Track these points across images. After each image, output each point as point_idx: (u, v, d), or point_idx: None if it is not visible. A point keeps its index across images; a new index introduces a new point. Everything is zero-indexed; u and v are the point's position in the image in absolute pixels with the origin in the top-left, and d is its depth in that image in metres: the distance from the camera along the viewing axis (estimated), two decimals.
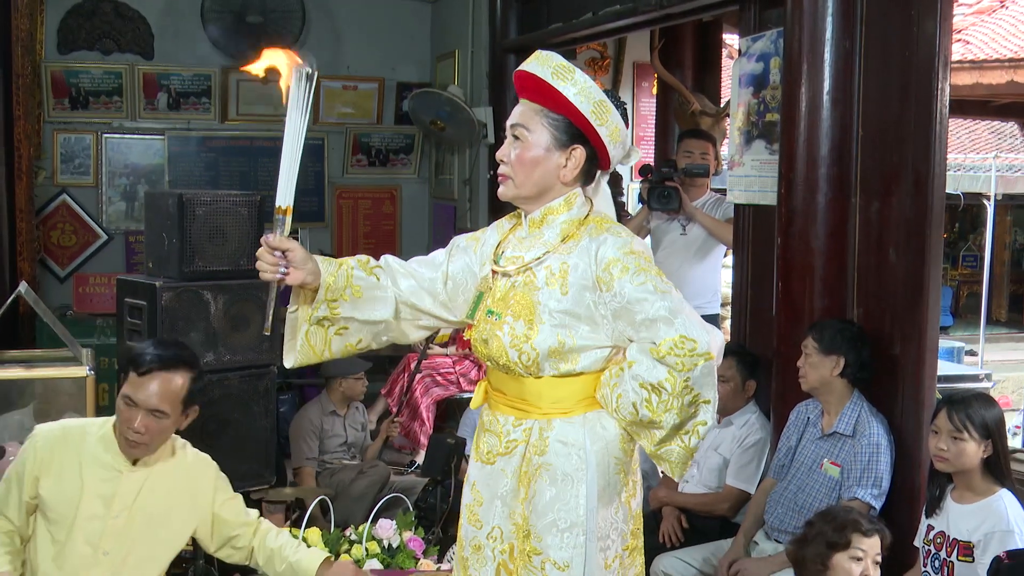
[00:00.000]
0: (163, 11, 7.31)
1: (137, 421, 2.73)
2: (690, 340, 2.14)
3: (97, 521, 2.81)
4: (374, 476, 5.09)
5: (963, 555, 3.00)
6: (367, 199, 8.01)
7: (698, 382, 2.16)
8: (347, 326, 2.40)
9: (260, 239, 2.28)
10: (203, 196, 3.74)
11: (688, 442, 2.23)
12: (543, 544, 2.28)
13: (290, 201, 2.25)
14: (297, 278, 2.28)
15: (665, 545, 4.05)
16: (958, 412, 3.00)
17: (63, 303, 7.03)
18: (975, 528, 2.99)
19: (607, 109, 2.28)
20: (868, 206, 3.64)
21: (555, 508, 2.28)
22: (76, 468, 2.83)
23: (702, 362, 2.15)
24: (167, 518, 2.91)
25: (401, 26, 7.78)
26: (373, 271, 2.40)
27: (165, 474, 2.90)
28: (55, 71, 7.13)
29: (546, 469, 2.29)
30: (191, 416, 2.88)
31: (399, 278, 2.43)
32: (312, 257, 2.32)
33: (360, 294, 2.37)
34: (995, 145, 13.41)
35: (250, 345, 3.81)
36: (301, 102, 2.24)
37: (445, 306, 2.46)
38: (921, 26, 3.41)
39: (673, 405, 2.17)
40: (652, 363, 2.17)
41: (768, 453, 4.00)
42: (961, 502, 3.06)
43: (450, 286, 2.45)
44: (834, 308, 3.70)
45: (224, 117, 7.53)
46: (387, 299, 2.41)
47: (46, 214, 7.20)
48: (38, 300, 4.51)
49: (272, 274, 2.25)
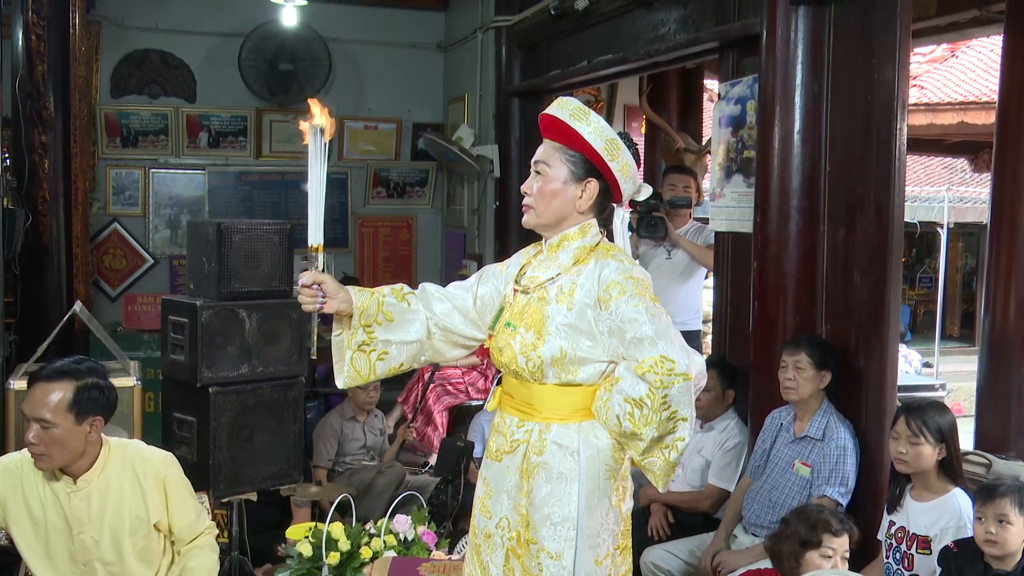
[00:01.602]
0: (204, 59, 7.36)
1: (31, 434, 2.61)
2: (669, 360, 2.13)
3: (66, 541, 2.74)
4: (391, 476, 5.07)
5: (921, 548, 3.00)
6: (386, 227, 8.02)
7: (675, 400, 2.15)
8: (387, 351, 2.45)
9: (297, 277, 2.36)
10: (239, 224, 3.73)
11: (668, 456, 2.21)
12: (539, 535, 2.28)
13: (320, 240, 2.32)
14: (332, 307, 2.36)
15: (653, 538, 4.03)
16: (915, 419, 3.00)
17: (114, 320, 7.06)
18: (932, 523, 2.98)
19: (618, 147, 2.30)
20: (835, 233, 3.64)
21: (549, 503, 2.27)
22: (24, 500, 2.74)
23: (680, 381, 2.13)
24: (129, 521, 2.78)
25: (417, 73, 7.81)
26: (405, 297, 2.47)
27: (108, 484, 2.76)
28: (108, 113, 7.18)
29: (543, 468, 2.29)
30: (95, 426, 2.70)
31: (434, 302, 2.49)
32: (343, 287, 2.39)
33: (392, 318, 2.43)
34: (947, 179, 13.41)
35: (281, 358, 3.80)
36: (319, 155, 2.30)
37: (475, 324, 2.51)
38: (881, 73, 3.41)
39: (652, 419, 2.15)
40: (635, 380, 2.17)
41: (746, 455, 3.99)
42: (919, 500, 3.05)
43: (479, 305, 2.50)
44: (805, 325, 3.69)
45: (258, 154, 7.56)
46: (418, 321, 2.46)
47: (99, 240, 7.23)
48: (91, 317, 4.51)
49: (312, 305, 2.33)
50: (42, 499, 2.74)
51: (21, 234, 5.41)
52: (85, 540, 2.74)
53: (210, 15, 7.28)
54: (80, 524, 2.73)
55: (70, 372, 2.67)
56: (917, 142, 8.88)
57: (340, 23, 7.49)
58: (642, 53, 4.96)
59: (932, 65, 9.77)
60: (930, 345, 13.16)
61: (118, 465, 2.78)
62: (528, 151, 6.05)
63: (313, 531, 3.46)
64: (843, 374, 3.55)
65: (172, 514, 2.85)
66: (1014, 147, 3.93)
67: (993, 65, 7.72)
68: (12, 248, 5.30)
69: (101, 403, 2.71)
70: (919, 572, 3.00)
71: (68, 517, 2.73)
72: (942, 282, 12.89)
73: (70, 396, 2.63)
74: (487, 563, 2.39)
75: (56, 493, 2.73)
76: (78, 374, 2.68)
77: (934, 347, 12.68)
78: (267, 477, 3.83)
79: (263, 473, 3.80)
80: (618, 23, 5.26)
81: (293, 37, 7.29)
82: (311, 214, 2.31)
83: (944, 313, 13.79)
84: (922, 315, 16.25)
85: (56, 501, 2.73)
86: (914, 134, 7.22)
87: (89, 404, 2.67)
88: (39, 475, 2.74)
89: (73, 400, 2.63)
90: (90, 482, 2.74)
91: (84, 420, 2.66)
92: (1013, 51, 3.96)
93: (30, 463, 2.72)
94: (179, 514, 2.87)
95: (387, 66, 7.72)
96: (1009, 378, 3.97)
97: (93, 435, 2.71)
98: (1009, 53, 3.98)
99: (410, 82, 7.79)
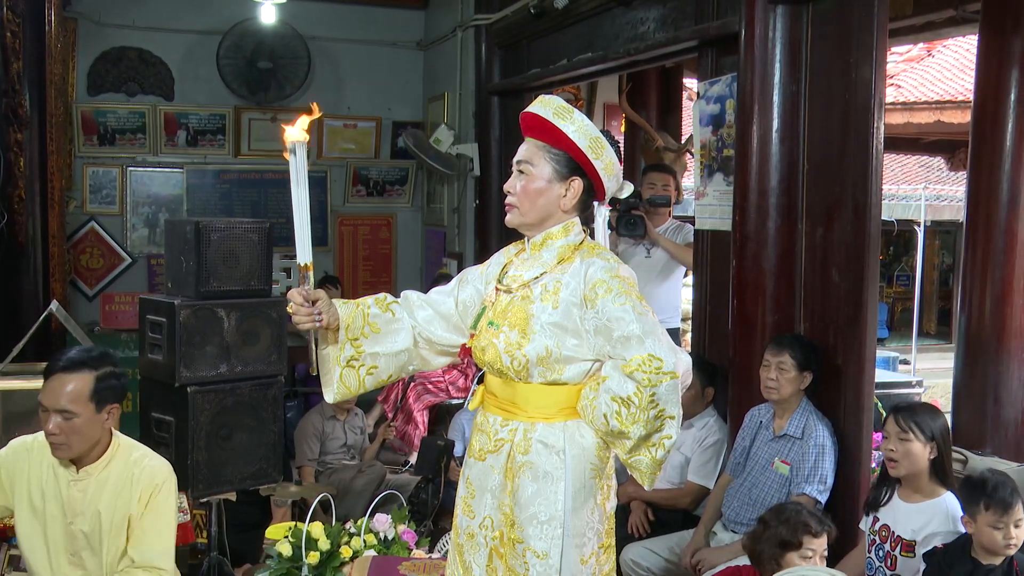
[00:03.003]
0: (183, 57, 7.31)
1: (50, 424, 2.66)
2: (657, 359, 2.13)
3: (62, 529, 2.75)
4: (372, 475, 5.06)
5: (905, 551, 3.00)
6: (366, 225, 8.00)
7: (663, 398, 2.14)
8: (376, 364, 2.46)
9: (289, 292, 2.34)
10: (217, 223, 3.70)
11: (655, 454, 2.21)
12: (525, 534, 2.27)
13: (309, 259, 2.30)
14: (325, 322, 2.35)
15: (633, 536, 4.04)
16: (904, 417, 3.01)
17: (91, 320, 7.00)
18: (921, 526, 2.97)
19: (602, 145, 2.29)
20: (813, 232, 3.65)
21: (536, 503, 2.26)
22: (38, 481, 2.77)
23: (667, 380, 2.13)
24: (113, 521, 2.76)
25: (396, 71, 7.79)
26: (389, 307, 2.47)
27: (107, 479, 2.77)
28: (85, 111, 7.11)
29: (528, 467, 2.28)
30: (112, 414, 2.76)
31: (416, 310, 2.50)
32: (332, 302, 2.38)
33: (378, 330, 2.44)
34: (924, 177, 13.51)
35: (260, 357, 3.78)
36: (301, 176, 2.26)
37: (457, 328, 2.50)
38: (859, 72, 3.43)
39: (640, 418, 2.15)
40: (622, 378, 2.16)
41: (725, 452, 4.00)
42: (908, 501, 3.05)
43: (460, 309, 2.50)
44: (783, 323, 3.71)
45: (237, 152, 7.51)
46: (404, 330, 2.47)
47: (76, 239, 7.17)
48: (68, 317, 4.47)
49: (311, 324, 2.33)
50: (44, 486, 2.77)
51: None
52: (75, 531, 2.76)
53: (188, 12, 7.22)
54: (73, 514, 2.76)
55: (88, 362, 2.71)
56: (894, 141, 8.94)
57: (319, 21, 7.46)
58: (622, 52, 4.97)
59: (909, 64, 9.84)
60: (908, 342, 13.26)
61: (121, 463, 2.81)
62: (508, 149, 6.07)
63: (293, 531, 3.44)
64: (821, 372, 3.57)
65: (137, 531, 2.77)
66: (990, 146, 3.96)
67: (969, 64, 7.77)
68: None
69: (118, 391, 2.78)
70: (901, 573, 3.00)
71: (64, 505, 2.76)
72: (919, 280, 12.99)
73: (91, 386, 2.68)
74: (470, 563, 2.38)
75: (58, 480, 2.77)
76: (96, 363, 2.73)
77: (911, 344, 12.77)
78: (246, 477, 3.80)
79: (242, 473, 3.78)
80: (598, 22, 5.26)
81: (272, 35, 7.25)
82: (298, 232, 2.26)
83: (921, 310, 13.92)
84: (900, 312, 16.37)
85: (57, 488, 2.76)
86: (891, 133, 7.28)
87: (108, 393, 2.73)
88: (47, 461, 2.77)
89: (93, 390, 2.69)
90: (91, 474, 2.78)
91: (103, 408, 2.73)
92: (988, 50, 3.99)
93: (42, 447, 2.77)
94: (142, 536, 2.78)
95: (367, 64, 7.70)
96: (985, 375, 4.00)
97: (109, 423, 2.77)
98: (984, 52, 4.01)
99: (390, 80, 7.77)
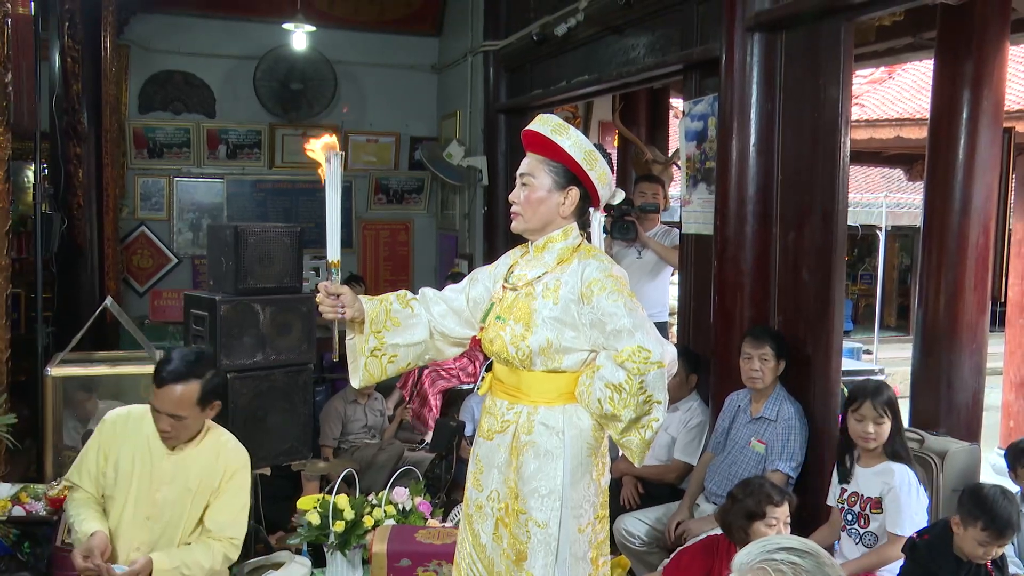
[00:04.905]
0: (223, 80, 7.33)
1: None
2: (645, 350, 2.13)
3: (144, 493, 2.78)
4: (391, 452, 5.06)
5: (875, 508, 3.04)
6: (386, 230, 8.01)
7: (651, 385, 2.15)
8: (396, 354, 2.47)
9: (317, 286, 2.37)
10: (254, 228, 3.71)
11: (644, 435, 2.21)
12: (527, 506, 2.27)
13: (338, 256, 2.32)
14: (348, 315, 2.39)
15: (625, 507, 4.03)
16: (878, 401, 3.02)
17: (141, 313, 7.02)
18: (880, 486, 3.03)
19: (596, 157, 2.29)
20: (786, 235, 3.65)
21: (537, 477, 2.27)
22: (131, 450, 2.80)
23: (655, 368, 2.14)
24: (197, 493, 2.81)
25: (413, 91, 7.80)
26: (409, 303, 2.49)
27: (198, 457, 2.83)
28: (136, 127, 7.14)
29: (531, 446, 2.28)
30: (214, 409, 2.83)
31: (432, 305, 2.51)
32: (358, 297, 2.40)
33: (399, 323, 2.46)
34: (885, 187, 13.50)
35: (292, 347, 3.78)
36: (335, 181, 2.28)
37: (468, 323, 2.51)
38: (827, 92, 3.42)
39: (630, 402, 2.15)
40: (614, 367, 2.16)
41: (707, 433, 3.99)
42: (867, 467, 3.10)
43: (471, 305, 2.50)
44: (759, 317, 3.70)
45: (272, 164, 7.53)
46: (421, 324, 2.48)
47: (128, 242, 7.20)
48: (121, 311, 4.48)
49: (334, 314, 2.36)
50: (136, 453, 2.80)
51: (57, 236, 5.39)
52: (158, 498, 2.78)
53: (228, 40, 7.25)
54: (161, 482, 2.79)
55: (196, 371, 2.76)
56: (858, 154, 8.91)
57: (345, 47, 7.47)
58: (614, 74, 4.96)
59: (872, 86, 9.82)
60: (870, 334, 13.25)
61: (210, 446, 2.86)
62: (513, 162, 6.04)
63: (321, 502, 3.44)
64: (793, 361, 3.56)
65: (216, 503, 2.84)
66: (944, 159, 3.95)
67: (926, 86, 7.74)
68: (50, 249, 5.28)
69: (219, 390, 2.87)
70: (873, 528, 3.05)
71: (153, 474, 2.79)
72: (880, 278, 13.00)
73: (198, 393, 2.74)
74: (478, 531, 2.39)
75: (152, 452, 2.80)
76: (201, 371, 2.78)
77: (873, 336, 12.75)
78: (280, 454, 3.81)
79: (276, 450, 3.78)
80: (593, 47, 5.25)
81: (303, 60, 7.26)
82: (329, 234, 2.29)
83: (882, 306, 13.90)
84: (863, 308, 16.35)
85: (150, 459, 2.80)
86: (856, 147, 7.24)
87: (211, 395, 2.80)
88: (143, 432, 2.81)
89: (201, 396, 2.76)
90: (184, 451, 2.82)
91: (207, 407, 2.81)
92: (943, 73, 3.98)
93: (138, 420, 2.83)
94: (220, 508, 2.83)
95: (387, 86, 7.71)
96: (940, 363, 4.00)
97: (209, 415, 2.85)
98: (939, 75, 4.00)
99: (407, 100, 7.78)
